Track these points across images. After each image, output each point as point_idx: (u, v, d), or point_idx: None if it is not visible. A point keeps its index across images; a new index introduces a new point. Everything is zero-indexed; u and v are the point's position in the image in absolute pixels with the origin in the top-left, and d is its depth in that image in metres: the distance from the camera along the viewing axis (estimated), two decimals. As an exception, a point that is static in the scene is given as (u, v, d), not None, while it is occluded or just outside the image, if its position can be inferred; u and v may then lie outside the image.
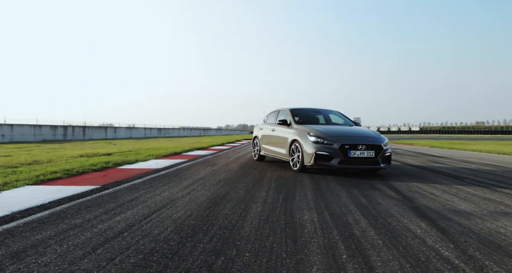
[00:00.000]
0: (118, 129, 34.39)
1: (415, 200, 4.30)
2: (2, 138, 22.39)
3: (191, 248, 2.46)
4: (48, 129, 26.15)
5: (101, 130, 32.19)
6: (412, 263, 2.29)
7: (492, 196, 4.61)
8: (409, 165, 8.83)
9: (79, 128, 29.34)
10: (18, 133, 23.62)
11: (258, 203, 3.96)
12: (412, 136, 77.35)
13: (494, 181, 6.02)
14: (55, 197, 4.15)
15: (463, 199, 4.39)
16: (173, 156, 10.47)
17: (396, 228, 3.09)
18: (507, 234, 2.94)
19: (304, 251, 2.46)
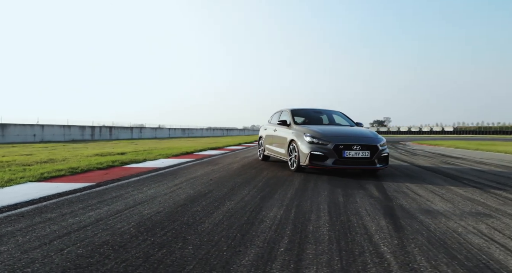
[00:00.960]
0: (143, 130, 35.50)
1: (394, 200, 4.29)
2: (34, 138, 23.69)
3: (140, 241, 2.62)
4: (77, 130, 27.40)
5: (127, 130, 33.31)
6: (343, 256, 2.36)
7: (478, 197, 4.52)
8: (416, 165, 8.66)
9: (106, 128, 30.54)
10: (49, 133, 24.91)
11: (234, 201, 4.08)
12: (443, 136, 74.76)
13: (494, 183, 5.85)
14: (48, 193, 4.43)
15: (445, 200, 4.33)
16: (183, 155, 10.75)
17: (352, 225, 3.14)
18: (462, 233, 2.94)
19: (246, 244, 2.57)
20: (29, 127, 23.83)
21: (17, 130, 22.94)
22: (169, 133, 39.23)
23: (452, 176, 6.57)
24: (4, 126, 22.35)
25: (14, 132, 22.72)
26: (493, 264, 2.30)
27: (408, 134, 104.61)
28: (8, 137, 22.24)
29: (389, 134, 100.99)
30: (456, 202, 4.19)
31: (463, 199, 4.42)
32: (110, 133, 30.80)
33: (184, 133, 43.19)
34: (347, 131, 6.81)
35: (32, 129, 23.92)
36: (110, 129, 31.00)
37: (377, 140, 6.48)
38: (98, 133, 29.47)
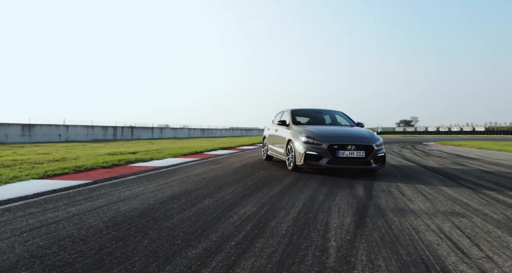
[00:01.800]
0: (164, 130, 36.32)
1: (375, 199, 4.30)
2: (59, 138, 24.72)
3: (101, 235, 2.77)
4: (100, 130, 28.38)
5: (148, 130, 34.18)
6: (287, 250, 2.43)
7: (463, 197, 4.46)
8: (422, 166, 8.53)
9: (128, 129, 31.46)
10: (73, 133, 25.92)
11: (213, 199, 4.19)
12: (471, 136, 72.15)
13: (493, 184, 5.72)
14: (43, 190, 4.68)
15: (427, 200, 4.31)
16: (192, 155, 10.97)
17: (315, 222, 3.19)
18: (420, 231, 2.97)
19: (200, 239, 2.67)
20: (55, 127, 24.88)
21: (43, 130, 24.00)
22: (189, 133, 39.91)
23: (451, 177, 6.45)
24: (31, 126, 23.44)
25: (40, 132, 23.78)
26: (431, 259, 2.33)
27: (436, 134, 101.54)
28: (35, 137, 23.30)
29: (415, 134, 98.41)
30: (436, 202, 4.16)
31: (447, 199, 4.37)
32: (131, 133, 31.70)
33: (204, 133, 43.81)
34: (343, 131, 6.81)
35: (57, 129, 24.97)
36: (131, 129, 31.91)
37: (372, 140, 6.45)
38: (120, 133, 30.41)
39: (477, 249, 2.56)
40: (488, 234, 2.92)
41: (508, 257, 2.42)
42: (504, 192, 4.90)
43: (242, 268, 2.16)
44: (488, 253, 2.49)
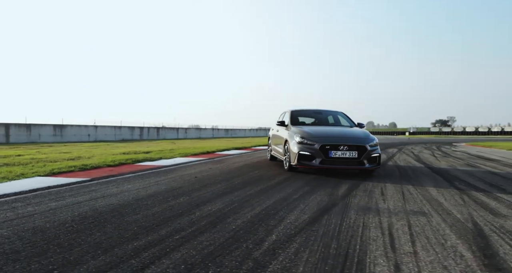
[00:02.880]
0: (188, 130, 37.18)
1: (350, 198, 4.36)
2: (88, 138, 25.91)
3: (63, 227, 3.00)
4: (127, 130, 29.48)
5: (173, 131, 35.14)
6: (225, 243, 2.56)
7: (442, 198, 4.44)
8: (429, 167, 8.41)
9: (154, 129, 32.49)
10: (102, 133, 27.08)
11: (189, 197, 4.36)
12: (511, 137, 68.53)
13: (488, 185, 5.60)
14: (40, 186, 5.00)
15: (402, 199, 4.32)
16: (202, 154, 11.23)
17: (272, 218, 3.31)
18: (368, 227, 3.04)
19: (149, 233, 2.83)
20: (84, 127, 26.09)
21: (73, 131, 25.23)
22: (213, 133, 40.59)
23: (450, 178, 6.34)
24: (62, 127, 24.70)
25: (71, 132, 25.02)
26: (356, 253, 2.43)
27: (474, 135, 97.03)
28: (66, 137, 24.54)
29: (450, 135, 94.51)
30: (410, 202, 4.16)
31: (424, 199, 4.35)
32: (157, 133, 32.70)
33: (228, 133, 44.38)
34: (337, 132, 6.83)
35: (87, 129, 26.17)
36: (157, 130, 32.93)
37: (366, 140, 6.42)
38: (147, 133, 31.44)
39: (409, 246, 2.60)
40: (434, 232, 2.94)
41: (435, 253, 2.45)
42: (491, 194, 4.79)
43: (170, 258, 2.30)
44: (417, 249, 2.53)
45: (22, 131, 22.59)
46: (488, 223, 3.27)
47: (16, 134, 22.23)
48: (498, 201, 4.29)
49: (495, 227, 3.14)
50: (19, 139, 22.06)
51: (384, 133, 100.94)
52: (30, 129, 23.01)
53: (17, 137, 22.11)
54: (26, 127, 22.87)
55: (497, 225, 3.20)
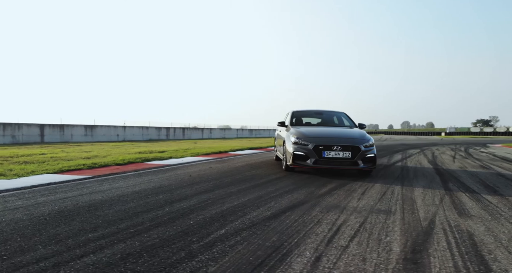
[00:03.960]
0: (213, 130, 37.85)
1: (325, 197, 4.44)
2: (117, 137, 27.00)
3: (36, 220, 3.27)
4: (154, 130, 30.46)
5: (198, 131, 35.90)
6: (163, 235, 2.72)
7: (420, 198, 4.46)
8: (437, 168, 8.25)
9: (180, 129, 33.35)
10: (130, 133, 28.15)
11: (170, 194, 4.56)
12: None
13: (483, 187, 5.52)
14: (43, 182, 5.38)
15: (378, 199, 4.38)
16: (214, 154, 11.48)
17: (237, 212, 3.44)
18: (318, 224, 3.12)
19: (114, 226, 3.05)
20: (113, 128, 27.22)
21: (103, 131, 26.38)
22: (237, 133, 41.05)
23: (448, 179, 6.31)
24: (93, 127, 25.89)
25: (101, 132, 26.17)
26: (286, 245, 2.50)
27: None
28: (96, 137, 25.70)
29: (492, 136, 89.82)
30: (384, 201, 4.22)
31: (400, 199, 4.38)
32: (183, 134, 33.55)
33: (252, 133, 44.69)
34: (333, 132, 6.85)
35: (116, 129, 27.29)
36: (183, 130, 33.79)
37: (361, 141, 6.40)
38: (173, 133, 32.34)
39: (346, 240, 2.73)
40: (381, 229, 3.02)
41: (365, 247, 2.57)
42: (477, 195, 4.73)
43: (112, 248, 2.51)
44: (352, 244, 2.63)
45: (56, 131, 23.88)
46: (445, 222, 3.26)
47: (50, 134, 23.51)
48: (478, 202, 4.21)
49: (448, 226, 3.13)
50: (52, 139, 23.33)
51: (418, 134, 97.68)
52: (63, 130, 24.29)
53: (51, 137, 23.39)
54: (59, 127, 24.16)
55: (453, 225, 3.20)
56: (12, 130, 22.07)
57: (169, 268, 2.18)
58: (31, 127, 22.80)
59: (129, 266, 2.20)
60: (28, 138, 22.46)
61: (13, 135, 21.99)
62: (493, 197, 4.60)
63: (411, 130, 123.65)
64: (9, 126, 21.86)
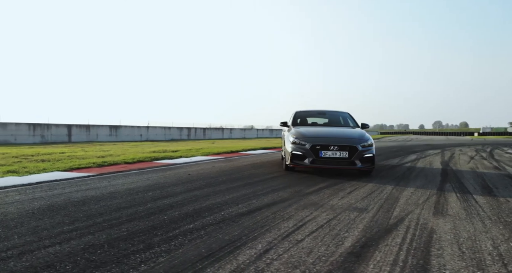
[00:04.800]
0: (233, 130, 38.22)
1: (310, 195, 4.50)
2: (140, 137, 27.80)
3: (26, 214, 3.52)
4: (176, 130, 31.15)
5: (218, 131, 36.40)
6: (148, 230, 2.87)
7: (406, 197, 4.47)
8: (445, 169, 8.15)
9: (201, 130, 33.93)
10: (152, 133, 28.92)
11: (160, 191, 4.74)
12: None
13: (481, 187, 5.45)
14: (50, 179, 5.72)
15: (363, 198, 4.41)
16: (225, 153, 11.67)
17: (216, 210, 3.57)
18: (289, 220, 3.20)
19: (76, 220, 3.25)
20: (137, 128, 28.04)
21: (127, 131, 27.23)
22: (257, 133, 41.26)
23: (448, 180, 6.29)
24: (117, 127, 26.77)
25: (125, 132, 27.02)
26: (246, 238, 2.61)
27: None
28: (120, 137, 26.56)
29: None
30: (366, 200, 4.26)
31: (384, 198, 4.40)
32: (204, 134, 34.10)
33: (272, 133, 44.71)
34: (331, 132, 6.89)
35: (139, 130, 28.10)
36: (204, 130, 34.36)
37: (358, 141, 6.40)
38: (194, 133, 32.94)
39: (304, 235, 2.82)
40: (345, 226, 3.10)
41: (317, 242, 2.64)
42: (470, 195, 4.72)
43: (75, 240, 2.68)
44: (307, 238, 2.72)
45: (82, 131, 24.86)
46: (413, 221, 3.29)
47: (77, 134, 24.50)
48: (463, 202, 4.19)
49: (414, 224, 3.16)
50: (79, 139, 24.30)
51: (449, 134, 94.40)
52: (89, 130, 25.25)
53: (77, 136, 24.37)
54: (85, 127, 25.14)
55: (420, 223, 3.22)
56: (42, 130, 23.13)
57: (122, 258, 2.32)
58: (59, 128, 23.82)
59: (86, 255, 2.37)
60: (56, 138, 23.47)
61: (42, 135, 23.05)
62: (483, 197, 4.51)
63: (443, 130, 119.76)
64: (38, 127, 22.93)
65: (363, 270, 2.14)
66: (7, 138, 20.87)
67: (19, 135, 21.77)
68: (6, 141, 20.47)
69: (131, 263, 2.25)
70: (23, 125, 22.08)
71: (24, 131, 22.32)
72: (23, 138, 21.45)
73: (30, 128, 22.68)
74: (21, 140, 21.10)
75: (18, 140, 21.07)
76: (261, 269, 2.16)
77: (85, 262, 2.26)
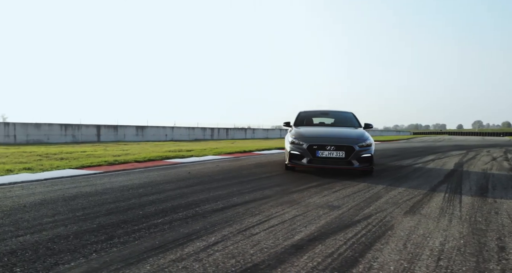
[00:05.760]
0: (256, 130, 38.40)
1: (292, 194, 4.58)
2: (165, 137, 28.57)
3: (17, 207, 3.82)
4: (199, 131, 31.77)
5: (241, 131, 36.69)
6: (121, 223, 3.07)
7: (386, 198, 4.48)
8: (457, 169, 7.96)
9: (224, 130, 34.40)
10: (177, 133, 29.66)
11: (151, 188, 4.96)
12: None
13: (477, 187, 5.38)
14: (57, 176, 6.09)
15: (344, 196, 4.47)
16: (237, 153, 11.84)
17: (194, 206, 3.73)
18: (249, 215, 3.30)
19: (58, 213, 3.50)
20: (162, 128, 28.85)
21: (153, 131, 28.07)
22: (281, 134, 41.14)
23: (448, 180, 6.21)
24: (143, 128, 27.66)
25: (150, 132, 27.87)
26: (205, 231, 2.76)
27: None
28: (146, 136, 27.42)
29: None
30: (346, 198, 4.32)
31: (365, 197, 4.44)
32: (227, 134, 34.55)
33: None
34: (330, 132, 6.91)
35: (164, 130, 28.90)
36: (227, 131, 34.82)
37: (356, 141, 6.39)
38: (217, 133, 33.46)
39: (260, 229, 2.95)
40: (307, 221, 3.21)
41: (268, 236, 2.74)
42: (460, 195, 4.70)
43: (46, 231, 2.90)
44: (262, 232, 2.87)
45: (110, 131, 25.88)
46: (379, 218, 3.34)
47: (106, 134, 25.54)
48: (446, 202, 4.17)
49: (377, 222, 3.21)
50: (107, 138, 25.30)
51: (488, 134, 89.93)
52: (117, 130, 26.24)
53: (106, 136, 25.39)
54: (113, 128, 26.15)
55: (385, 220, 3.26)
56: (73, 130, 24.25)
57: (79, 248, 2.53)
58: (88, 128, 24.89)
59: (48, 245, 2.58)
60: (86, 137, 24.54)
61: (73, 134, 24.16)
62: (472, 198, 4.43)
63: (482, 131, 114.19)
64: (70, 127, 24.06)
65: (295, 260, 2.23)
66: (40, 137, 22.04)
67: (51, 135, 22.92)
68: (40, 141, 21.61)
69: (85, 252, 2.43)
70: (56, 126, 23.23)
71: (57, 131, 23.47)
72: (56, 138, 22.58)
73: (62, 128, 23.83)
74: (53, 139, 22.22)
75: (51, 139, 22.20)
76: (200, 259, 2.29)
77: (44, 250, 2.47)
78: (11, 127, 21.36)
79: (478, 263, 2.25)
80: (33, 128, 21.94)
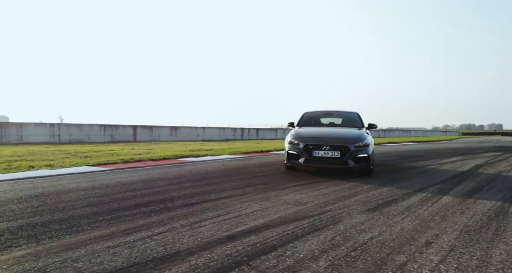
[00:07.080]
0: (286, 130, 38.41)
1: (274, 191, 4.73)
2: (197, 137, 29.41)
3: (14, 199, 4.26)
4: (230, 131, 32.37)
5: (271, 131, 36.91)
6: (103, 213, 3.40)
7: (361, 196, 4.54)
8: (468, 170, 7.73)
9: (254, 130, 34.80)
10: (208, 133, 30.44)
11: (144, 184, 5.28)
12: None
13: (471, 188, 5.31)
14: (70, 172, 6.62)
15: (317, 195, 4.56)
16: (253, 153, 12.04)
17: (170, 200, 3.99)
18: (216, 209, 3.49)
19: (58, 205, 3.87)
20: (194, 129, 29.72)
21: (185, 131, 29.01)
22: (312, 134, 41.11)
23: (448, 181, 6.09)
24: (177, 128, 28.66)
25: (183, 133, 28.81)
26: (169, 222, 2.95)
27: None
28: (180, 136, 28.39)
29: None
30: (319, 196, 4.41)
31: (340, 195, 4.53)
32: (257, 134, 34.93)
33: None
34: (327, 132, 6.94)
35: (196, 130, 29.77)
36: (257, 131, 35.21)
37: (352, 141, 6.41)
38: (247, 134, 33.93)
39: (211, 222, 3.11)
40: (261, 215, 3.36)
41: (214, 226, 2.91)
42: (445, 196, 4.66)
43: (36, 220, 3.26)
44: (210, 225, 3.08)
45: (146, 132, 27.05)
46: (335, 215, 3.42)
47: (141, 134, 26.72)
48: (419, 202, 4.17)
49: (331, 217, 3.32)
50: (143, 138, 26.47)
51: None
52: (152, 130, 27.38)
53: (141, 136, 26.57)
54: (148, 128, 27.31)
55: (339, 216, 3.37)
56: (111, 130, 25.59)
57: (38, 234, 2.84)
58: (125, 128, 26.15)
59: (15, 231, 2.92)
60: (123, 137, 25.79)
61: (111, 134, 25.49)
62: (454, 198, 4.38)
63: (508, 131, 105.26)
64: (108, 127, 25.41)
65: (218, 248, 2.41)
66: (82, 137, 23.46)
67: (92, 135, 24.32)
68: (82, 140, 23.02)
69: (41, 237, 2.74)
70: (95, 126, 24.62)
71: (96, 131, 24.86)
72: (96, 138, 23.95)
73: (101, 128, 25.22)
74: (94, 139, 23.59)
75: (92, 139, 23.57)
76: (133, 246, 2.52)
77: (9, 234, 2.81)
78: (56, 127, 22.90)
79: (388, 255, 2.29)
80: (75, 128, 23.40)
